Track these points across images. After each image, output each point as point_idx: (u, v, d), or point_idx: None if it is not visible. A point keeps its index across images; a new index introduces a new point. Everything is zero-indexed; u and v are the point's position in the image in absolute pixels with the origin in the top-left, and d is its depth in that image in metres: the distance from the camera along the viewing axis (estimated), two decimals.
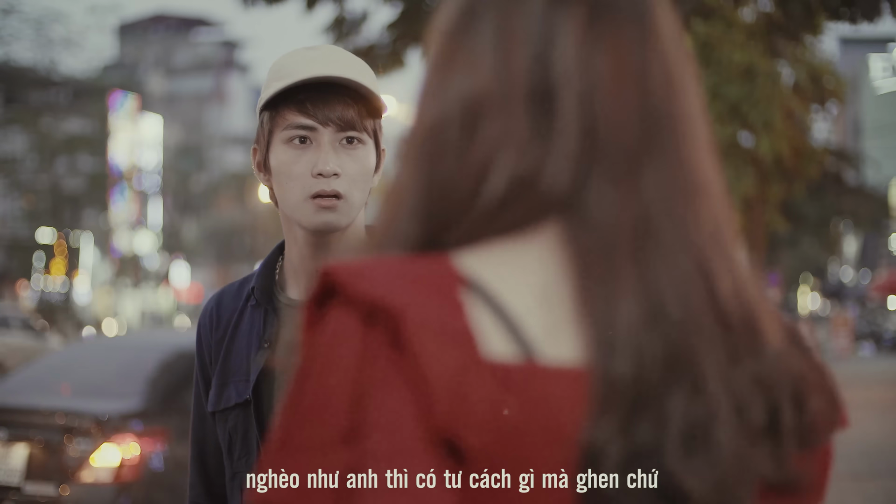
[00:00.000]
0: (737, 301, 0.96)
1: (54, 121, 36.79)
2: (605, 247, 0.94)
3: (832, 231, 32.04)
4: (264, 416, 1.98)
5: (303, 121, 1.94)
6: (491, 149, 0.94)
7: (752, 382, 0.95)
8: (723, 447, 0.93)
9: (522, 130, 0.95)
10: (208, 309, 2.12)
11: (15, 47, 33.38)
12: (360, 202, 1.97)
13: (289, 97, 1.95)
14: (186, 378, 7.06)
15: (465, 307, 0.92)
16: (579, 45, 0.96)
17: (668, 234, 0.94)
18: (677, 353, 0.92)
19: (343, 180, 1.94)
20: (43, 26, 33.17)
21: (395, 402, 0.89)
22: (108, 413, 6.48)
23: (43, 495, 6.35)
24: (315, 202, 1.93)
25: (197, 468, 2.11)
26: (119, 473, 6.30)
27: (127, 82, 52.36)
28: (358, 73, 1.96)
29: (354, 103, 1.95)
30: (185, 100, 67.83)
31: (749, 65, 14.50)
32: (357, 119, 1.95)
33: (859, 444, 13.24)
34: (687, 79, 1.01)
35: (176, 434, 6.51)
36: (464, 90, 0.96)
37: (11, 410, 6.77)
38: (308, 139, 1.95)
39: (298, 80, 1.93)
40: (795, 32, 11.68)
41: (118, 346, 8.39)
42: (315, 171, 1.93)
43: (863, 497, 9.60)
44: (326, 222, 1.93)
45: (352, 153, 1.95)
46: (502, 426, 0.90)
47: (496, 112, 0.95)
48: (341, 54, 2.00)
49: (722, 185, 1.00)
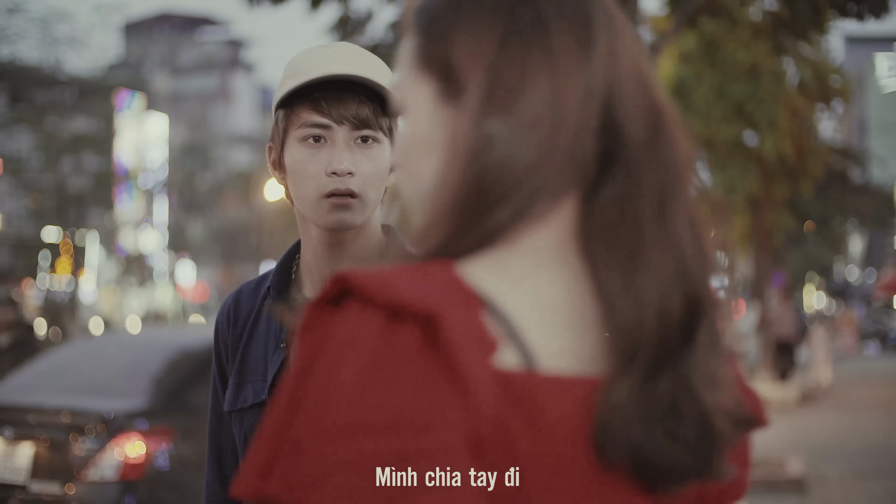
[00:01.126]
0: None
1: (60, 120, 36.76)
2: (630, 223, 1.01)
3: (838, 230, 31.97)
4: None
5: (317, 119, 1.93)
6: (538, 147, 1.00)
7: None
8: (718, 402, 1.01)
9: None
10: (226, 306, 2.12)
11: (20, 46, 33.37)
12: (375, 201, 1.96)
13: (304, 95, 1.94)
14: (192, 377, 7.05)
15: (485, 316, 0.94)
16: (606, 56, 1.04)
17: (673, 218, 1.02)
18: (691, 317, 1.00)
19: (358, 179, 1.92)
20: (48, 25, 33.15)
21: (438, 399, 0.89)
22: (114, 412, 6.48)
23: (48, 494, 6.35)
24: (330, 201, 1.92)
25: (214, 466, 2.11)
26: (124, 472, 6.30)
27: (132, 81, 52.35)
28: (374, 70, 1.95)
29: (369, 101, 1.94)
30: (191, 99, 67.86)
31: (754, 63, 14.48)
32: (372, 117, 1.94)
33: (864, 444, 13.23)
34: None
35: (181, 433, 6.51)
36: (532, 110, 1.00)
37: (17, 409, 6.78)
38: (323, 138, 1.94)
39: (313, 78, 1.92)
40: (802, 30, 11.65)
41: (124, 344, 8.38)
42: (329, 169, 1.92)
43: (868, 496, 9.59)
44: (341, 220, 1.93)
45: (367, 152, 1.94)
46: (511, 434, 0.94)
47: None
48: (357, 52, 1.99)
49: (696, 179, 1.06)
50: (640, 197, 1.00)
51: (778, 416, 16.67)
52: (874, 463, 11.46)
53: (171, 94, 65.71)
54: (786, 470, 10.40)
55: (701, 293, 1.01)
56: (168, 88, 65.64)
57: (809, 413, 17.25)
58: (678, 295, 0.99)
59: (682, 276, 1.00)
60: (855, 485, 10.16)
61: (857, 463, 11.47)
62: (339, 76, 1.92)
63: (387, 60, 2.06)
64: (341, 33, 11.05)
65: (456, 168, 0.99)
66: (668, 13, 11.86)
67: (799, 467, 10.44)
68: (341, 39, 11.02)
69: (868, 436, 14.10)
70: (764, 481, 9.98)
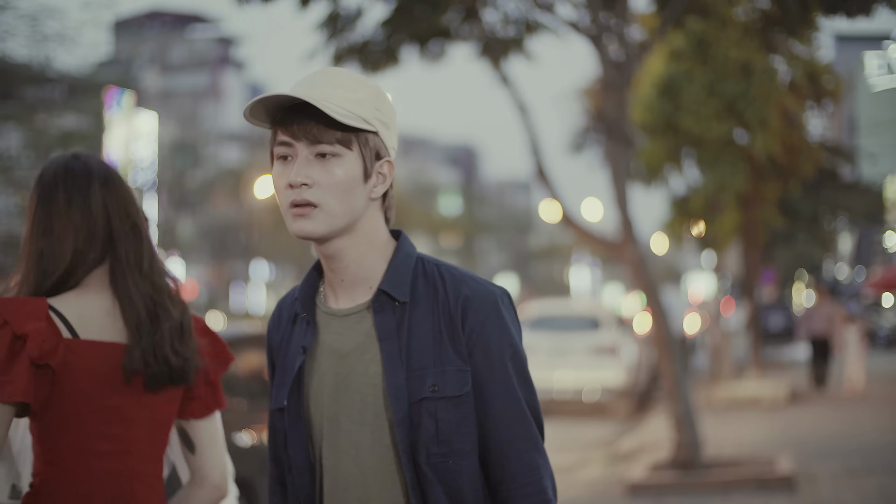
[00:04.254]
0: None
1: (49, 117, 36.68)
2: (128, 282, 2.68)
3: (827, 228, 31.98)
4: (294, 421, 2.21)
5: (282, 137, 2.14)
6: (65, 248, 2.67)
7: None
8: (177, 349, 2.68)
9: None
10: (276, 310, 2.34)
11: (9, 43, 33.26)
12: (342, 210, 2.13)
13: (279, 119, 2.15)
14: None
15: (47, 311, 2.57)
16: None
17: (143, 267, 2.74)
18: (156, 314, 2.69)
19: (315, 190, 2.11)
20: (37, 22, 33.03)
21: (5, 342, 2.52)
22: None
23: None
24: (292, 211, 2.13)
25: (272, 458, 2.30)
26: None
27: (122, 79, 52.22)
28: (339, 93, 2.12)
29: (326, 120, 2.10)
30: (181, 96, 67.72)
31: (746, 62, 14.49)
32: (325, 134, 2.10)
33: (855, 441, 13.25)
34: None
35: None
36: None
37: None
38: (289, 156, 2.14)
39: (264, 96, 2.11)
40: (791, 28, 11.66)
41: None
42: (286, 182, 2.12)
43: (858, 493, 9.60)
44: (300, 229, 2.12)
45: (325, 165, 2.11)
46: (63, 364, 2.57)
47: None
48: (329, 76, 2.16)
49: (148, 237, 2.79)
50: (124, 259, 2.67)
51: (767, 414, 16.70)
52: (864, 461, 11.48)
53: (161, 91, 65.55)
54: (775, 468, 10.42)
55: (159, 301, 2.67)
56: (158, 86, 65.48)
57: (799, 411, 17.28)
58: (149, 303, 2.65)
59: (149, 295, 2.66)
60: (845, 482, 10.17)
61: (847, 461, 11.49)
62: (284, 97, 2.10)
63: (377, 57, 2.12)
64: (331, 31, 11.03)
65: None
66: (656, 11, 11.87)
67: (788, 465, 10.46)
68: (330, 37, 11.01)
69: (859, 433, 14.12)
70: (753, 479, 9.99)
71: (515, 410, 2.14)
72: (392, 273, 2.17)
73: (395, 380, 2.12)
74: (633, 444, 13.87)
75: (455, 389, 2.11)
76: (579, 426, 16.72)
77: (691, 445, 10.56)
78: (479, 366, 2.13)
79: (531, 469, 2.14)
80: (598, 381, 18.20)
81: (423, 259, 2.22)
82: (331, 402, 2.18)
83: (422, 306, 2.16)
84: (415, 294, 2.17)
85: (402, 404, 2.11)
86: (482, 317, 2.14)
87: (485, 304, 2.15)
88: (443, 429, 2.11)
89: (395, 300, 2.16)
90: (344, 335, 2.19)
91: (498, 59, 11.15)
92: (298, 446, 2.21)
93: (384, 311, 2.16)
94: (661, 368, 10.99)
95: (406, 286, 2.17)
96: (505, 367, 2.14)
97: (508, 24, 11.44)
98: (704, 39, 14.39)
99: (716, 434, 13.50)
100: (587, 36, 10.90)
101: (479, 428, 2.14)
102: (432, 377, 2.12)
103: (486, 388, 2.13)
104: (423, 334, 2.14)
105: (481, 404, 2.13)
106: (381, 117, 2.16)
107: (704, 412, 14.81)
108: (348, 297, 2.21)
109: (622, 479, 10.73)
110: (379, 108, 2.16)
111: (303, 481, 2.21)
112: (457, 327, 2.14)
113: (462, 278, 2.18)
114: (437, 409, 2.11)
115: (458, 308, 2.14)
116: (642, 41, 11.69)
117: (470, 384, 2.13)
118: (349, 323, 2.19)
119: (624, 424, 17.06)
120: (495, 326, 2.15)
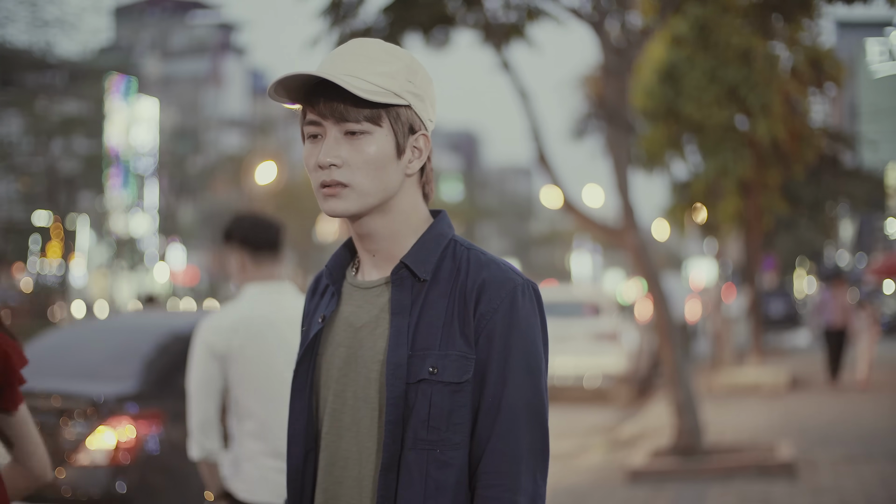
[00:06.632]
0: None
1: (50, 103, 36.66)
2: None
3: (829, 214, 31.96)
4: (299, 389, 2.20)
5: (311, 116, 2.09)
6: None
7: None
8: None
9: None
10: (313, 281, 2.32)
11: (10, 29, 33.23)
12: (374, 188, 2.08)
13: (307, 98, 2.10)
14: (182, 360, 7.06)
15: None
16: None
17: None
18: None
19: (344, 170, 2.06)
20: (38, 8, 33.01)
21: None
22: (104, 395, 6.47)
23: None
24: (322, 191, 2.09)
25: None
26: (115, 456, 6.29)
27: (123, 65, 52.16)
28: (367, 67, 2.06)
29: (353, 97, 2.05)
30: (182, 82, 67.61)
31: (747, 48, 14.45)
32: (352, 112, 2.05)
33: (855, 428, 13.26)
34: None
35: (172, 416, 6.49)
36: None
37: None
38: (319, 134, 2.09)
39: (286, 76, 2.06)
40: (791, 14, 11.63)
41: (114, 327, 8.34)
42: (316, 162, 2.08)
43: (858, 480, 9.61)
44: (332, 208, 2.08)
45: (354, 143, 2.06)
46: None
47: None
48: (359, 49, 2.10)
49: None
50: None
51: (768, 401, 16.71)
52: (865, 447, 11.49)
53: (161, 77, 65.45)
54: (776, 454, 10.43)
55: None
56: (159, 72, 65.38)
57: (800, 397, 17.29)
58: None
59: None
60: (845, 469, 10.18)
61: (847, 447, 11.50)
62: (305, 75, 2.05)
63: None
64: (333, 17, 10.99)
65: None
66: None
67: (789, 451, 10.47)
68: (333, 24, 10.97)
69: (859, 420, 14.13)
70: (754, 465, 10.00)
71: (508, 408, 2.03)
72: (418, 248, 2.11)
73: (396, 357, 2.05)
74: (634, 431, 13.88)
75: (454, 376, 2.03)
76: (580, 412, 16.74)
77: (692, 432, 10.57)
78: (482, 354, 2.04)
79: (503, 474, 2.02)
80: (599, 367, 18.21)
81: (456, 241, 2.15)
82: (340, 376, 2.14)
83: (440, 286, 2.09)
84: (438, 274, 2.10)
85: (399, 384, 2.03)
86: (495, 304, 2.05)
87: (500, 290, 2.06)
88: (434, 414, 2.02)
89: (416, 276, 2.09)
90: (362, 308, 2.14)
91: (499, 45, 11.12)
92: (299, 416, 2.17)
93: (402, 286, 2.10)
94: (662, 355, 10.99)
95: (430, 264, 2.10)
96: (507, 360, 2.04)
97: (510, 9, 11.40)
98: (706, 25, 14.35)
99: (716, 420, 13.51)
100: (588, 22, 10.88)
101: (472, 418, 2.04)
102: (434, 359, 2.03)
103: (483, 378, 2.04)
104: (436, 315, 2.07)
105: (477, 394, 2.04)
106: (413, 90, 2.09)
107: (705, 399, 14.82)
108: (377, 272, 2.16)
109: (623, 465, 10.74)
110: (411, 80, 2.09)
111: (294, 451, 2.17)
112: (469, 311, 2.06)
113: (486, 263, 2.10)
114: (432, 393, 2.02)
115: (474, 291, 2.06)
116: (643, 27, 11.66)
117: (471, 372, 2.03)
118: (370, 296, 2.14)
119: (625, 411, 17.08)
120: (506, 316, 2.05)
